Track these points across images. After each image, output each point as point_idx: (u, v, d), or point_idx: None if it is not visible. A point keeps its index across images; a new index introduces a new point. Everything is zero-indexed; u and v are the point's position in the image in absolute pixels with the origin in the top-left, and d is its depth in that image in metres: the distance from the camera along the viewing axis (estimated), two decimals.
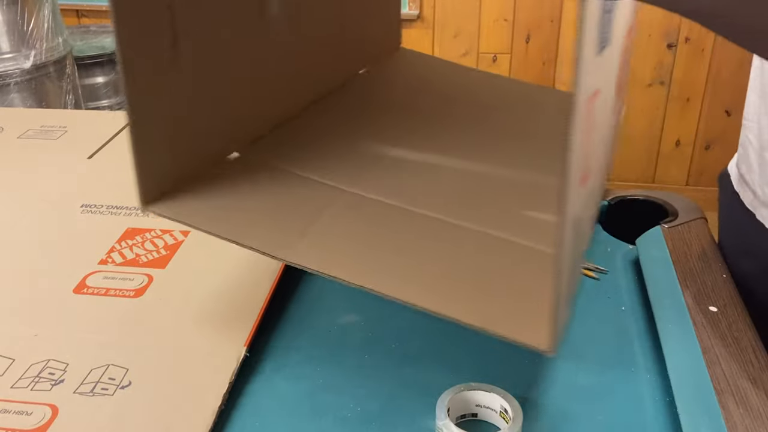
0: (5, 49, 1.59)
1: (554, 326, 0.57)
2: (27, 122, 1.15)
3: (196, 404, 0.59)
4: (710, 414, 0.56)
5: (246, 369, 0.65)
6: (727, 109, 2.35)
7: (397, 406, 0.61)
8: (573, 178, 0.53)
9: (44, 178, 0.98)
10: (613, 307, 0.74)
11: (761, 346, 0.65)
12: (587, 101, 0.55)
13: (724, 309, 0.70)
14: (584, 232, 0.68)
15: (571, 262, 0.60)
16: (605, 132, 0.68)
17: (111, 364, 0.63)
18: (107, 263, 0.78)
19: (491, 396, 0.58)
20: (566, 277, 0.60)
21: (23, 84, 1.61)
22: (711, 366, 0.62)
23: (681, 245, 0.80)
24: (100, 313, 0.70)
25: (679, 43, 2.26)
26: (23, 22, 1.59)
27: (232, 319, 0.69)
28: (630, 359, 0.66)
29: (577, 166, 0.55)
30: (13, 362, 0.64)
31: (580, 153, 0.56)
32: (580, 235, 0.63)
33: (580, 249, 0.69)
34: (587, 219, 0.68)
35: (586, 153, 0.58)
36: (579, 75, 0.49)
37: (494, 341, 0.69)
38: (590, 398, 0.62)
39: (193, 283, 0.75)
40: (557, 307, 0.57)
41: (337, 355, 0.67)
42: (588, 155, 0.59)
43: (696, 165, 2.45)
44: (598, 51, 0.55)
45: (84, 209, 0.88)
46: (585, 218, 0.65)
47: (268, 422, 0.60)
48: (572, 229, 0.58)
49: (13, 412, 0.58)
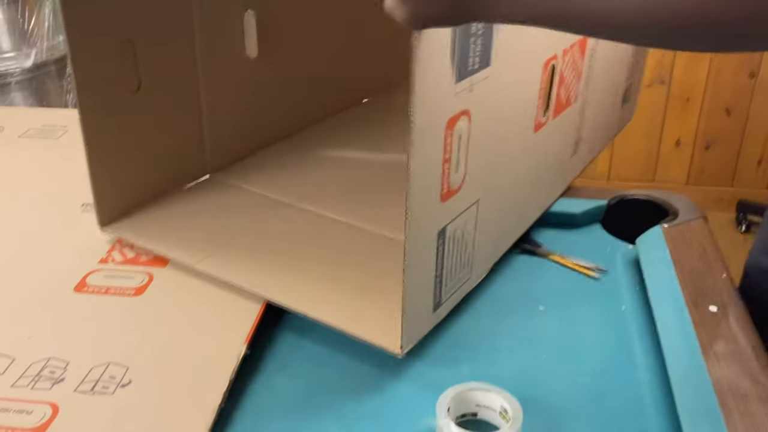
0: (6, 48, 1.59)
1: (403, 331, 0.62)
2: (28, 121, 1.15)
3: (196, 403, 0.59)
4: (710, 414, 0.56)
5: (247, 368, 0.65)
6: (727, 109, 2.35)
7: (397, 406, 0.62)
8: (419, 199, 0.58)
9: (45, 177, 0.98)
10: (613, 307, 0.74)
11: (761, 346, 0.65)
12: (446, 124, 0.58)
13: (724, 309, 0.70)
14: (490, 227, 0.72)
15: (431, 270, 0.64)
16: (517, 138, 0.72)
17: (111, 362, 0.63)
18: (108, 262, 0.78)
19: (491, 396, 0.58)
20: (423, 284, 0.64)
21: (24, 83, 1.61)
22: (711, 366, 0.62)
23: (681, 245, 0.80)
24: (100, 312, 0.71)
25: None
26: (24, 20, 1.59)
27: (233, 317, 0.69)
28: (630, 359, 0.67)
29: (429, 186, 0.59)
30: (14, 361, 0.64)
31: (435, 174, 0.59)
32: (462, 239, 0.67)
33: (487, 246, 0.73)
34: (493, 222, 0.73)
35: (450, 171, 0.61)
36: (413, 105, 0.53)
37: (494, 341, 0.69)
38: (590, 398, 0.62)
39: (194, 282, 0.75)
40: (405, 316, 0.61)
41: (338, 354, 0.67)
42: (454, 171, 0.62)
43: (696, 165, 2.45)
44: (459, 77, 0.58)
45: (84, 208, 0.88)
46: (478, 223, 0.69)
47: (268, 421, 0.60)
48: (430, 243, 0.62)
49: (14, 410, 0.58)
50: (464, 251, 0.69)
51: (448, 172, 0.61)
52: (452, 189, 0.63)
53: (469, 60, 0.58)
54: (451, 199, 0.63)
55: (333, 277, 0.74)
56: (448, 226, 0.64)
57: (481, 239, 0.71)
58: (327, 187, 0.92)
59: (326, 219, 0.84)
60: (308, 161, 1.00)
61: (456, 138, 0.60)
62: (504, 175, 0.72)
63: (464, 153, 0.62)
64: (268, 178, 0.94)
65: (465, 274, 0.70)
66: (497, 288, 0.77)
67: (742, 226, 2.37)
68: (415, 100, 0.54)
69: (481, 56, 0.60)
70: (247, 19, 0.92)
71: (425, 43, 0.52)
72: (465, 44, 0.57)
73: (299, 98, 1.07)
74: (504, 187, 0.73)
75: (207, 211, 0.87)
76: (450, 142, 0.60)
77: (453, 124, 0.59)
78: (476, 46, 0.59)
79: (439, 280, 0.66)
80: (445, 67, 0.56)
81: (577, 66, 0.80)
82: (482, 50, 0.60)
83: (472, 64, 0.59)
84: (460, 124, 0.60)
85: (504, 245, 0.79)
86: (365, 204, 0.87)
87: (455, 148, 0.61)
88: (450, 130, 0.59)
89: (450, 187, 0.62)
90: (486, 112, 0.64)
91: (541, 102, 0.74)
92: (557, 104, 0.78)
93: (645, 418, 0.60)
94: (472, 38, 0.58)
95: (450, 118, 0.59)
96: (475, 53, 0.59)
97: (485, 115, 0.64)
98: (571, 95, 0.81)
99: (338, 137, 1.08)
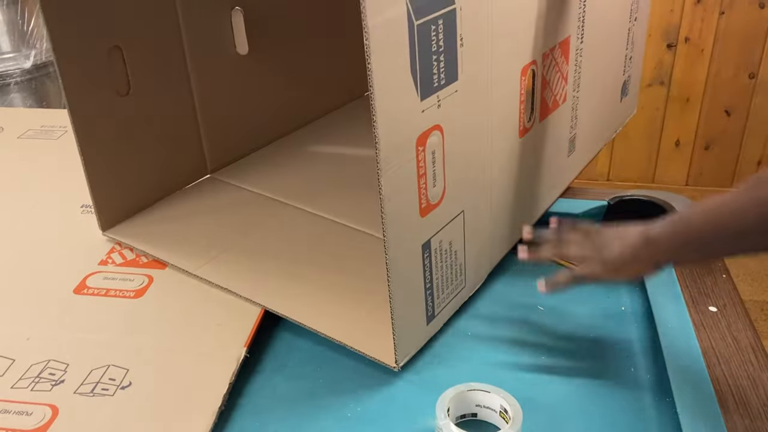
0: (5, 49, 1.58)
1: (396, 347, 0.62)
2: (27, 122, 1.15)
3: (196, 404, 0.59)
4: (710, 414, 0.56)
5: (246, 369, 0.65)
6: (726, 109, 2.35)
7: (397, 406, 0.61)
8: (396, 217, 0.58)
9: (44, 178, 0.97)
10: (613, 307, 0.74)
11: (761, 346, 0.65)
12: (416, 141, 0.59)
13: (724, 309, 0.70)
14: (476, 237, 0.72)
15: (419, 282, 0.64)
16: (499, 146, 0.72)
17: (111, 364, 0.63)
18: (107, 264, 0.78)
19: (491, 396, 0.58)
20: (412, 297, 0.64)
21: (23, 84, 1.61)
22: (711, 366, 0.62)
23: None
24: (100, 314, 0.70)
25: (679, 43, 2.26)
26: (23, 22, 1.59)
27: (233, 319, 0.69)
28: (630, 359, 0.66)
29: (406, 203, 0.60)
30: (14, 362, 0.64)
31: (410, 191, 0.60)
32: (444, 251, 0.67)
33: (477, 253, 0.73)
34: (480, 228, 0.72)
35: (427, 186, 0.61)
36: (377, 125, 0.54)
37: (494, 342, 0.69)
38: (590, 398, 0.62)
39: (194, 284, 0.75)
40: (396, 330, 0.62)
41: (338, 354, 0.67)
42: (431, 186, 0.62)
43: (696, 165, 2.44)
44: (424, 95, 0.58)
45: (84, 209, 0.88)
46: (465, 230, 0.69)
47: (268, 422, 0.60)
48: (414, 257, 0.63)
49: (14, 412, 0.58)
50: (455, 262, 0.68)
51: (425, 186, 0.61)
52: (431, 203, 0.62)
53: (433, 77, 0.58)
54: (431, 213, 0.63)
55: (331, 284, 0.73)
56: (432, 239, 0.64)
57: (473, 249, 0.71)
58: (326, 185, 0.92)
59: (325, 221, 0.84)
60: (307, 159, 1.00)
61: (429, 154, 0.60)
62: (490, 183, 0.71)
63: (440, 167, 0.62)
64: (267, 178, 0.94)
65: (458, 284, 0.70)
66: (497, 288, 0.77)
67: None
68: (378, 120, 0.53)
69: (447, 72, 0.60)
70: (235, 16, 0.92)
71: (382, 65, 0.52)
72: (427, 62, 0.57)
73: (296, 95, 1.07)
74: (493, 195, 0.72)
75: (207, 213, 0.87)
76: (423, 158, 0.60)
77: (424, 140, 0.59)
78: (439, 63, 0.58)
79: (430, 293, 0.66)
80: (407, 85, 0.56)
81: (561, 68, 0.80)
82: (447, 66, 0.59)
83: (437, 80, 0.59)
84: (432, 139, 0.60)
85: (501, 251, 0.79)
86: (364, 204, 0.87)
87: (429, 164, 0.61)
88: (421, 147, 0.59)
89: (429, 202, 0.62)
90: (460, 124, 0.63)
91: (523, 107, 0.73)
92: (542, 108, 0.78)
93: (645, 418, 0.60)
94: (434, 55, 0.57)
95: (420, 134, 0.58)
96: (439, 69, 0.58)
97: (460, 128, 0.63)
98: (558, 97, 0.81)
99: (337, 134, 1.08)
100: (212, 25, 0.91)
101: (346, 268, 0.76)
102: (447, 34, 0.58)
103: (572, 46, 0.81)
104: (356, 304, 0.70)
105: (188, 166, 0.93)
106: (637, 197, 0.91)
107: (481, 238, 0.72)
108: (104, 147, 0.80)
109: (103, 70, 0.78)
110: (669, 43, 2.33)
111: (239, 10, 0.93)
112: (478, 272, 0.75)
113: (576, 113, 0.87)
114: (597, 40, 0.87)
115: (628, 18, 0.97)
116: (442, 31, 0.57)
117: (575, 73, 0.84)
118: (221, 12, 0.92)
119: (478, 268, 0.74)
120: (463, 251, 0.69)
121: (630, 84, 1.07)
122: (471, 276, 0.72)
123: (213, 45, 0.91)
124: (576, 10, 0.79)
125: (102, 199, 0.81)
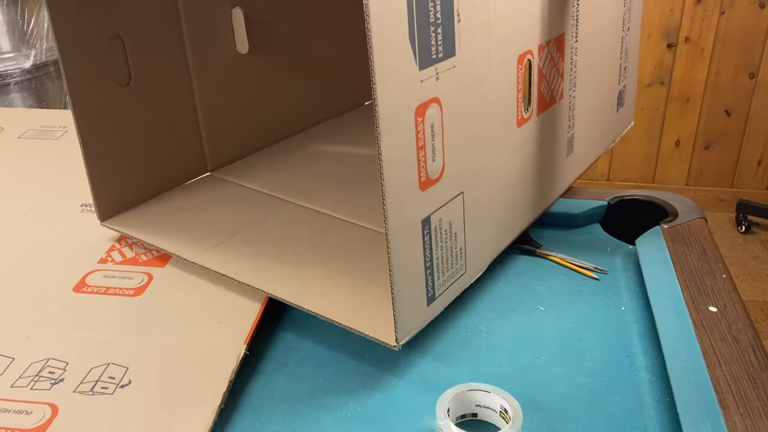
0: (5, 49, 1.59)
1: (397, 322, 0.62)
2: (27, 122, 1.15)
3: (196, 402, 0.59)
4: (710, 414, 0.56)
5: (246, 368, 0.65)
6: (726, 109, 2.35)
7: (397, 406, 0.61)
8: (396, 185, 0.59)
9: (44, 178, 0.98)
10: (613, 307, 0.74)
11: (761, 346, 0.65)
12: (414, 111, 0.59)
13: (724, 309, 0.70)
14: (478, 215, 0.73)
15: (419, 260, 0.65)
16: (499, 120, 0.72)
17: (111, 362, 0.63)
18: (107, 262, 0.78)
19: (491, 396, 0.58)
20: (413, 274, 0.64)
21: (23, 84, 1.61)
22: (711, 366, 0.62)
23: (681, 245, 0.80)
24: (99, 312, 0.70)
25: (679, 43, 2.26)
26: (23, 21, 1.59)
27: (233, 317, 0.69)
28: (630, 359, 0.66)
29: (405, 173, 0.60)
30: (13, 361, 0.64)
31: (409, 161, 0.60)
32: (446, 230, 0.68)
33: (479, 237, 0.74)
34: (480, 210, 0.73)
35: (426, 159, 0.62)
36: (376, 90, 0.55)
37: (494, 341, 0.69)
38: (590, 398, 0.62)
39: (193, 281, 0.75)
40: (396, 305, 0.62)
41: (338, 354, 0.67)
42: (430, 160, 0.63)
43: (696, 165, 2.45)
44: (422, 65, 0.59)
45: (84, 209, 0.88)
46: (467, 209, 0.70)
47: (268, 422, 0.60)
48: (414, 231, 0.63)
49: (13, 411, 0.58)
50: (455, 244, 0.69)
51: (424, 159, 0.62)
52: (431, 178, 0.63)
53: (431, 48, 0.60)
54: (431, 188, 0.64)
55: (332, 273, 0.74)
56: (432, 216, 0.65)
57: (473, 234, 0.71)
58: (327, 183, 0.93)
59: (326, 216, 0.84)
60: (308, 157, 1.00)
61: (428, 126, 0.61)
62: (490, 168, 0.72)
63: (439, 142, 0.63)
64: (268, 176, 0.94)
65: (458, 268, 0.71)
66: (497, 288, 0.77)
67: (742, 226, 2.37)
68: (378, 85, 0.55)
69: (444, 45, 0.61)
70: (236, 15, 0.93)
71: (381, 31, 0.54)
72: (425, 32, 0.58)
73: (297, 95, 1.07)
74: (492, 182, 0.73)
75: (206, 207, 0.87)
76: (422, 129, 0.61)
77: (423, 111, 0.60)
78: (437, 35, 0.60)
79: (430, 272, 0.66)
80: (406, 53, 0.57)
81: (557, 64, 0.81)
82: (444, 39, 0.61)
83: (435, 52, 0.60)
84: (431, 111, 0.61)
85: (501, 242, 0.79)
86: (366, 201, 0.87)
87: (429, 136, 0.62)
88: (420, 118, 0.60)
89: (429, 176, 0.63)
90: (458, 102, 0.65)
91: (520, 96, 0.74)
92: (539, 100, 0.79)
93: (645, 418, 0.60)
94: (431, 26, 0.59)
95: (419, 105, 0.60)
96: (437, 42, 0.60)
97: (458, 105, 0.65)
98: (554, 92, 0.82)
99: (339, 132, 1.08)
100: (213, 22, 0.91)
101: (347, 259, 0.76)
102: (444, 7, 0.60)
103: (567, 43, 0.82)
104: (358, 290, 0.70)
105: (188, 162, 0.93)
106: (637, 197, 0.91)
107: (480, 225, 0.73)
108: (104, 138, 0.81)
109: (105, 59, 0.79)
110: (669, 43, 2.33)
111: (239, 9, 0.93)
112: (479, 260, 0.75)
113: (573, 113, 0.88)
114: (591, 42, 0.88)
115: (621, 26, 0.98)
116: (439, 2, 0.59)
117: (571, 72, 0.84)
118: (222, 10, 0.92)
119: (479, 257, 0.74)
120: (463, 234, 0.70)
121: (626, 94, 1.07)
122: (471, 263, 0.73)
123: (213, 43, 0.92)
124: (570, 8, 0.80)
125: (101, 190, 0.81)
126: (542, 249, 0.83)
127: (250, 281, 0.72)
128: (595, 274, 0.79)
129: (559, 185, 0.90)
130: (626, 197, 0.91)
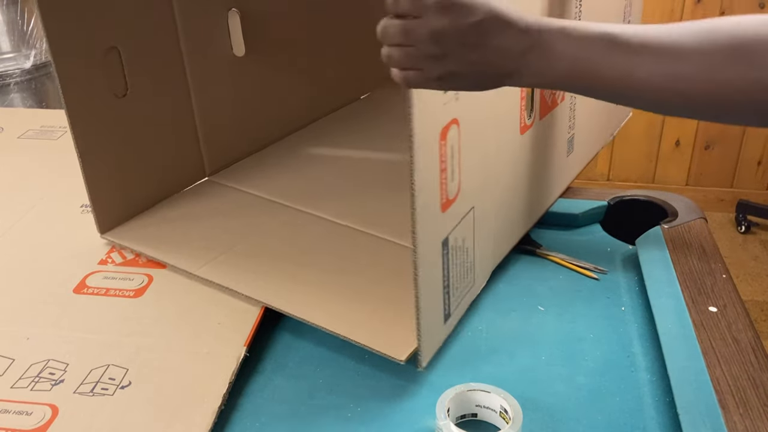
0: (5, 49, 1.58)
1: (421, 345, 0.62)
2: (27, 122, 1.15)
3: (196, 404, 0.59)
4: (710, 414, 0.56)
5: (246, 369, 0.65)
6: None
7: (397, 406, 0.61)
8: (423, 211, 0.58)
9: (44, 178, 0.97)
10: (613, 307, 0.74)
11: (761, 346, 0.65)
12: (439, 135, 0.59)
13: (724, 309, 0.70)
14: (491, 233, 0.73)
15: (439, 281, 0.64)
16: (504, 137, 0.72)
17: (111, 364, 0.63)
18: (107, 263, 0.78)
19: (491, 396, 0.58)
20: (434, 295, 0.64)
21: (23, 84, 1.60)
22: (711, 366, 0.62)
23: (681, 245, 0.80)
24: (100, 313, 0.70)
25: None
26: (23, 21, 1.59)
27: (233, 318, 0.69)
28: (630, 359, 0.66)
29: (431, 197, 0.60)
30: (13, 362, 0.64)
31: (434, 185, 0.60)
32: (461, 249, 0.67)
33: (487, 254, 0.74)
34: (491, 225, 0.73)
35: (447, 180, 0.62)
36: (413, 119, 0.54)
37: (494, 341, 0.69)
38: (590, 398, 0.62)
39: (193, 283, 0.75)
40: (422, 329, 0.61)
41: (338, 355, 0.67)
42: (450, 181, 0.62)
43: (696, 165, 2.45)
44: None
45: (84, 209, 0.88)
46: (477, 227, 0.70)
47: (268, 422, 0.60)
48: (436, 255, 0.63)
49: (13, 412, 0.58)
50: (466, 260, 0.69)
51: (445, 182, 0.61)
52: (450, 198, 0.63)
53: None
54: (450, 208, 0.63)
55: (334, 283, 0.73)
56: (450, 236, 0.64)
57: (481, 246, 0.71)
58: (325, 187, 0.92)
59: (325, 222, 0.84)
60: (305, 161, 1.00)
61: (449, 147, 0.61)
62: (495, 179, 0.72)
63: (457, 161, 0.63)
64: (267, 180, 0.94)
65: (469, 282, 0.70)
66: (498, 288, 0.77)
67: (742, 226, 2.37)
68: (414, 114, 0.54)
69: None
70: (232, 17, 0.92)
71: None
72: None
73: (294, 96, 1.06)
74: (496, 191, 0.73)
75: (206, 215, 0.86)
76: (444, 152, 0.60)
77: (445, 134, 0.60)
78: None
79: (447, 291, 0.66)
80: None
81: None
82: None
83: None
84: (451, 133, 0.61)
85: (503, 249, 0.79)
86: (364, 205, 0.87)
87: (449, 158, 0.61)
88: (444, 141, 0.60)
89: (448, 197, 0.62)
90: (471, 118, 0.64)
91: (523, 104, 0.74)
92: (542, 105, 0.78)
93: (645, 418, 0.60)
94: None
95: (443, 128, 0.59)
96: None
97: (471, 122, 0.64)
98: (556, 95, 0.81)
99: (336, 135, 1.08)
100: (209, 26, 0.91)
101: (347, 269, 0.76)
102: None
103: None
104: (359, 303, 0.70)
105: (186, 168, 0.92)
106: (637, 197, 0.91)
107: (486, 236, 0.72)
108: (102, 150, 0.80)
109: (101, 72, 0.78)
110: None
111: (236, 12, 0.92)
112: (484, 270, 0.75)
113: (574, 113, 0.88)
114: None
115: (621, 21, 0.98)
116: None
117: None
118: (217, 14, 0.91)
119: (484, 267, 0.74)
120: (473, 249, 0.70)
121: None
122: (479, 274, 0.73)
123: (210, 46, 0.91)
124: (573, 9, 0.80)
125: (100, 201, 0.81)
126: (542, 249, 0.83)
127: (251, 293, 0.71)
128: (595, 274, 0.79)
129: (560, 185, 0.90)
130: (626, 197, 0.91)
